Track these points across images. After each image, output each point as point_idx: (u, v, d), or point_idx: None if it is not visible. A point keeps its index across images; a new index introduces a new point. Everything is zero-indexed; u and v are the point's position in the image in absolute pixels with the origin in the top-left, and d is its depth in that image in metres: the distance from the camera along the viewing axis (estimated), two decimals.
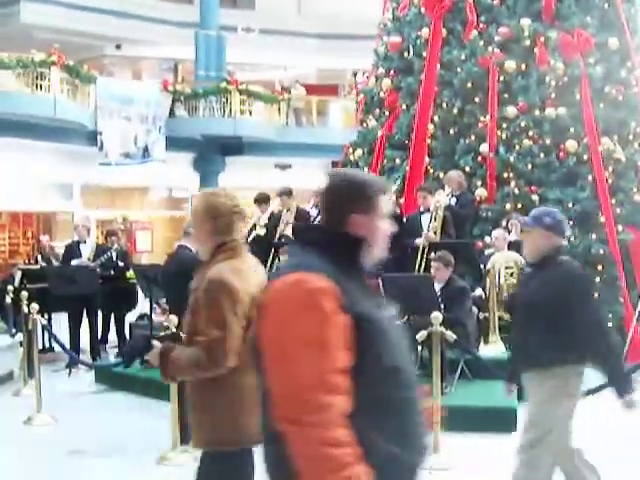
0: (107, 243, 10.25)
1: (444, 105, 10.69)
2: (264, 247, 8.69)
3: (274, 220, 9.37)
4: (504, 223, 9.09)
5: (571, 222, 9.49)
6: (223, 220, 3.06)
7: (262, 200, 9.57)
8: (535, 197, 9.69)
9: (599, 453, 5.63)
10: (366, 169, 11.38)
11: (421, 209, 8.92)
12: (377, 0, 13.37)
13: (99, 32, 22.11)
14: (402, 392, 2.07)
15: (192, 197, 21.49)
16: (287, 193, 9.66)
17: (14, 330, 9.20)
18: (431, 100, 10.48)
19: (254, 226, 9.08)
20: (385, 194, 2.20)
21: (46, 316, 9.29)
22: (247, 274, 2.99)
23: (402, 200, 9.91)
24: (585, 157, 9.74)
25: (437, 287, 6.85)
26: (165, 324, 5.87)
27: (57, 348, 8.86)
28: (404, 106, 11.20)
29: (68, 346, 8.53)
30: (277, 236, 9.09)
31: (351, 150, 12.15)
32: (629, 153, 9.95)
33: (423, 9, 11.01)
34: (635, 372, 5.63)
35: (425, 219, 8.64)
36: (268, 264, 8.69)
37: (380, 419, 2.00)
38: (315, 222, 8.98)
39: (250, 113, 20.59)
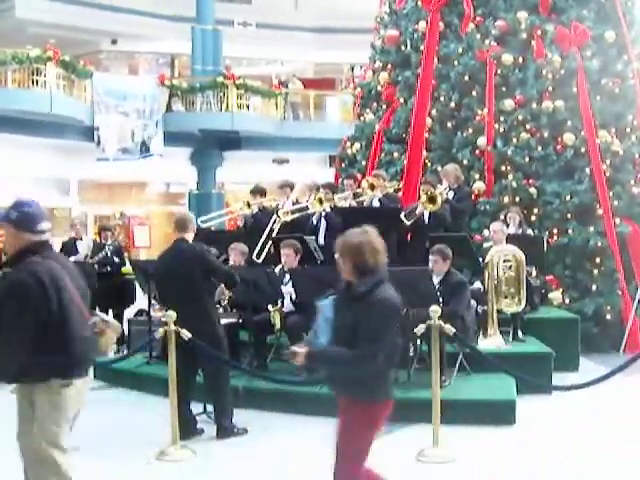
0: (101, 239, 10.22)
1: (441, 99, 10.69)
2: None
3: (266, 213, 9.36)
4: (502, 216, 9.10)
5: (569, 215, 9.52)
6: None
7: (257, 192, 9.64)
8: (533, 190, 9.71)
9: (595, 449, 5.66)
10: (364, 163, 11.39)
11: None
12: None
13: (95, 27, 22.04)
14: None
15: (190, 192, 21.51)
16: (289, 186, 9.70)
17: None
18: (428, 94, 10.47)
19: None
20: None
21: None
22: None
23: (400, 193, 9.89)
24: (582, 150, 9.75)
25: (435, 280, 6.84)
26: (163, 320, 5.85)
27: None
28: (402, 100, 11.19)
29: None
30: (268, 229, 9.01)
31: (349, 144, 12.15)
32: (626, 146, 9.96)
33: (420, 2, 11.00)
34: (634, 362, 5.65)
35: (426, 212, 8.62)
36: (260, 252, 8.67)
37: None
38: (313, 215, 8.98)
39: (247, 108, 20.56)
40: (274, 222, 8.94)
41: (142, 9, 22.84)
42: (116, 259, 9.92)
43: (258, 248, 8.72)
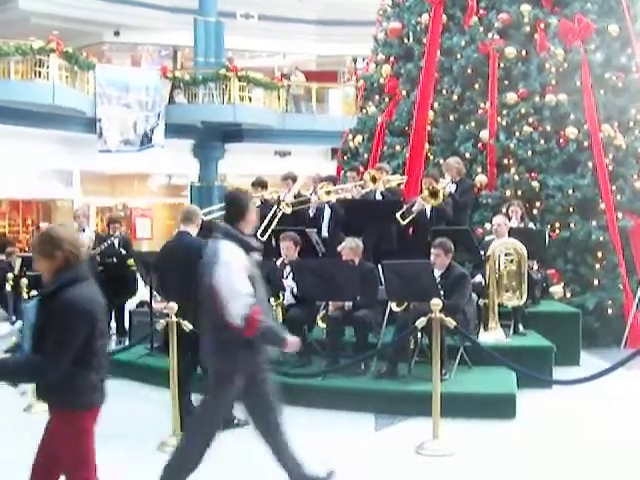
0: (109, 230, 10.24)
1: (444, 91, 10.67)
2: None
3: (267, 206, 9.35)
4: (504, 210, 9.08)
5: (571, 209, 9.51)
6: None
7: (259, 184, 9.64)
8: (535, 184, 9.69)
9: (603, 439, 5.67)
10: (366, 156, 11.38)
11: None
12: None
13: (98, 19, 22.05)
14: None
15: (192, 184, 21.50)
16: (292, 178, 9.70)
17: (14, 317, 9.20)
18: (431, 86, 10.44)
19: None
20: None
21: None
22: None
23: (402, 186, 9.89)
24: (585, 144, 9.72)
25: (437, 274, 6.84)
26: (165, 311, 5.86)
27: None
28: (404, 92, 11.18)
29: None
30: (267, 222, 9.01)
31: (351, 137, 12.13)
32: (629, 140, 9.93)
33: None
34: (635, 357, 5.64)
35: (428, 206, 8.59)
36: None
37: None
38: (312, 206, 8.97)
39: (249, 100, 20.55)
40: (274, 213, 8.94)
41: (145, 1, 22.81)
42: (123, 251, 9.94)
43: (259, 233, 8.75)
